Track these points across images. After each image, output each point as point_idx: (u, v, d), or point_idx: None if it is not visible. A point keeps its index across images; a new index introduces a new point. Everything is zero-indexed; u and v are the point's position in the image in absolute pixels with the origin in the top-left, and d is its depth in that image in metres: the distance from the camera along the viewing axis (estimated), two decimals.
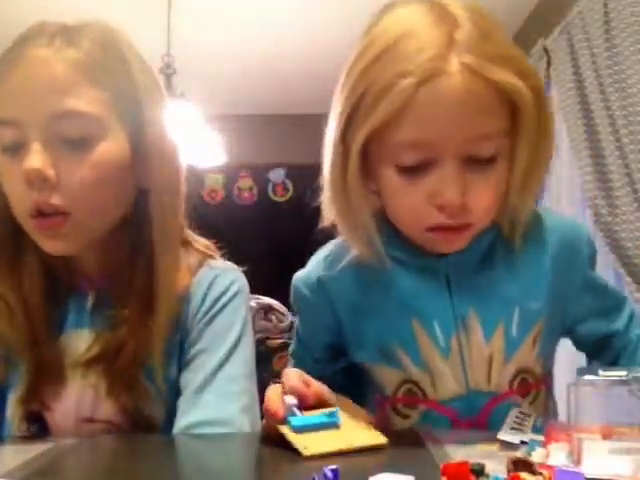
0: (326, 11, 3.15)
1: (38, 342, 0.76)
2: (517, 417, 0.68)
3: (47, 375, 0.76)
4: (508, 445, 0.62)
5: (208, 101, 3.20)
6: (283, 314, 1.19)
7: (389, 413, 0.84)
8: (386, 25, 0.71)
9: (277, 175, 4.52)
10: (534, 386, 0.82)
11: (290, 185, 4.51)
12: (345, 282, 0.84)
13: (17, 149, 0.71)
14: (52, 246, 0.74)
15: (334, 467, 0.47)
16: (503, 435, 0.64)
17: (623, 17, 2.03)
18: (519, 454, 0.52)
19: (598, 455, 0.53)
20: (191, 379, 0.78)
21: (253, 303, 1.16)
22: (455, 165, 0.69)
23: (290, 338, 1.03)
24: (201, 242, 0.90)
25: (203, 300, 0.82)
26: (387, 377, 0.83)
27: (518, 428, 0.66)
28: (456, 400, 0.79)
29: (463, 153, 0.69)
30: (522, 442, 0.61)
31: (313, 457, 0.61)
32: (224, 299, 0.82)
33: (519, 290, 0.79)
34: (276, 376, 0.80)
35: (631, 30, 1.99)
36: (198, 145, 2.93)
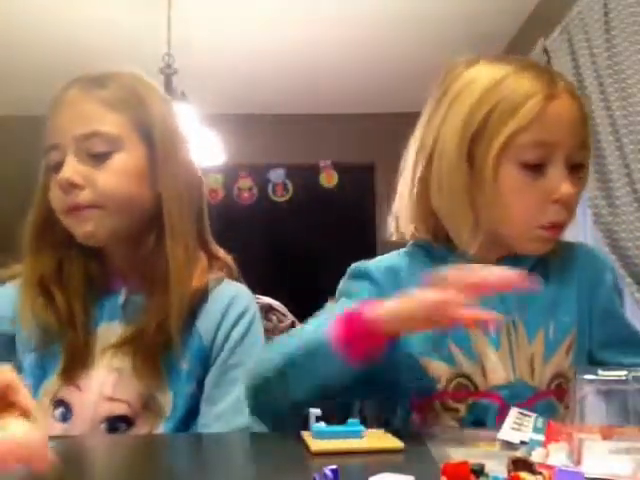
0: (326, 11, 3.15)
1: (76, 332, 0.91)
2: (517, 417, 0.69)
3: (80, 359, 0.91)
4: (508, 445, 0.62)
5: (208, 101, 3.21)
6: (283, 314, 1.19)
7: (437, 410, 0.86)
8: (487, 68, 0.90)
9: (277, 175, 4.52)
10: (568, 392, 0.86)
11: (290, 185, 4.51)
12: (413, 277, 0.88)
13: (58, 168, 0.91)
14: (82, 229, 0.91)
15: (334, 467, 0.47)
16: (503, 435, 0.64)
17: (623, 17, 2.03)
18: (519, 454, 0.52)
19: (598, 455, 0.53)
20: (230, 390, 0.91)
21: None
22: (565, 166, 0.85)
23: None
24: (223, 255, 1.04)
25: (225, 315, 0.94)
26: (437, 372, 0.86)
27: (518, 428, 0.66)
28: (505, 387, 0.85)
29: (569, 157, 0.86)
30: (522, 442, 0.61)
31: (320, 453, 0.62)
32: (248, 317, 0.96)
33: (553, 302, 0.90)
34: None
35: (631, 30, 1.99)
36: (198, 145, 2.93)
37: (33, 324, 0.92)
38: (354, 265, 0.94)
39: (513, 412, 0.70)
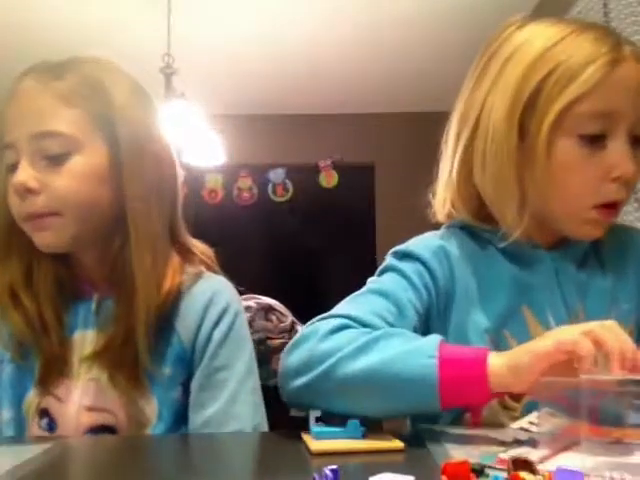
0: (326, 11, 3.15)
1: (50, 340, 0.87)
2: (539, 417, 0.65)
3: (56, 368, 0.87)
4: (508, 444, 0.62)
5: (208, 101, 3.20)
6: (283, 314, 1.19)
7: (495, 410, 0.81)
8: (543, 29, 0.82)
9: (277, 175, 4.52)
10: None
11: (290, 185, 4.51)
12: (463, 260, 0.85)
13: (15, 169, 0.85)
14: (42, 240, 0.86)
15: (334, 467, 0.47)
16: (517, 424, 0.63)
17: (623, 17, 2.04)
18: (515, 453, 0.52)
19: (596, 455, 0.53)
20: (218, 393, 0.87)
21: (253, 303, 1.16)
22: (627, 140, 0.78)
23: (290, 338, 1.03)
24: (199, 247, 0.98)
25: (205, 314, 0.89)
26: None
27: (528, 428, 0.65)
28: None
29: (632, 129, 0.78)
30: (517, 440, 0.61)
31: (320, 453, 0.61)
32: (230, 315, 0.91)
33: (612, 290, 0.85)
34: (276, 376, 0.80)
35: (631, 30, 2.00)
36: (198, 145, 2.93)
37: (6, 334, 0.88)
38: (397, 248, 0.87)
39: (542, 411, 0.65)
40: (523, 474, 0.46)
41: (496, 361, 0.67)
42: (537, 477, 0.46)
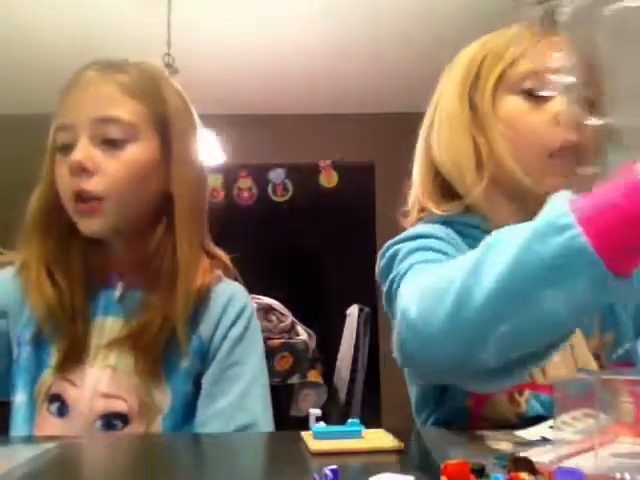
0: (326, 11, 3.15)
1: (75, 323, 0.90)
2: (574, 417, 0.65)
3: (76, 352, 0.89)
4: (520, 444, 0.62)
5: (208, 101, 3.20)
6: (283, 314, 1.19)
7: (501, 403, 0.80)
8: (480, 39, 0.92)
9: (277, 175, 4.52)
10: None
11: (290, 185, 4.51)
12: (460, 241, 0.84)
13: (68, 150, 0.88)
14: (88, 225, 0.89)
15: (334, 467, 0.47)
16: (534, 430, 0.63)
17: None
18: (512, 449, 0.52)
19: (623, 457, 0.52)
20: (230, 387, 0.90)
21: (253, 303, 1.16)
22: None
23: (290, 338, 1.03)
24: (219, 252, 1.02)
25: (223, 313, 0.93)
26: None
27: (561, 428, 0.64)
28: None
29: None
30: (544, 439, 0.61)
31: (320, 453, 0.62)
32: (246, 316, 0.95)
33: None
34: (276, 376, 0.80)
35: None
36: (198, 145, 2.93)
37: (26, 316, 0.91)
38: (403, 235, 0.84)
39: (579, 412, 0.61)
40: (523, 474, 0.46)
41: None
42: (537, 477, 0.46)
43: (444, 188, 0.88)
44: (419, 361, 0.68)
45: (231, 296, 0.95)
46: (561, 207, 0.56)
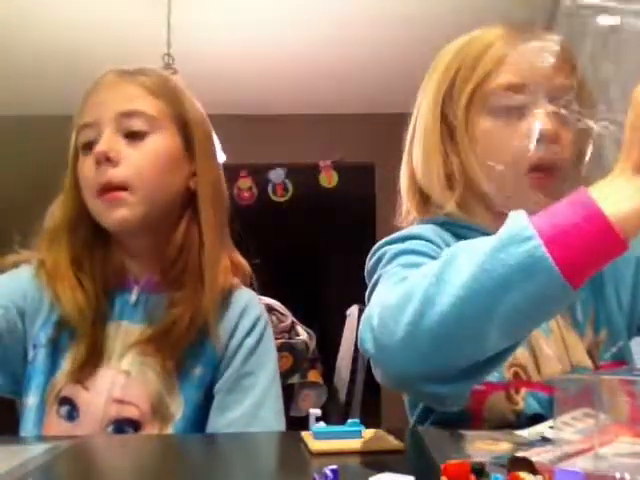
0: (326, 11, 3.15)
1: (95, 326, 0.90)
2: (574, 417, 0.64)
3: (92, 356, 0.89)
4: (520, 445, 0.62)
5: (208, 101, 3.20)
6: (283, 314, 1.19)
7: (499, 402, 0.81)
8: (457, 40, 0.91)
9: (277, 175, 4.51)
10: None
11: (290, 185, 4.51)
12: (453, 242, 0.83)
13: (92, 146, 0.90)
14: (113, 215, 0.89)
15: (334, 467, 0.47)
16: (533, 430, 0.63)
17: None
18: (511, 449, 0.52)
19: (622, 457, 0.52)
20: (243, 397, 0.90)
21: None
22: (548, 104, 0.79)
23: (290, 338, 1.03)
24: (244, 264, 1.04)
25: (239, 322, 0.93)
26: None
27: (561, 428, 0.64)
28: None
29: (554, 98, 0.78)
30: (544, 439, 0.61)
31: (320, 453, 0.62)
32: (261, 325, 0.95)
33: (599, 279, 0.85)
34: None
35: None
36: None
37: (43, 316, 0.90)
38: (392, 236, 0.87)
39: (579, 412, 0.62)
40: (523, 474, 0.46)
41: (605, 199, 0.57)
42: (537, 477, 0.46)
43: (425, 196, 0.90)
44: (380, 366, 0.70)
45: (248, 303, 0.95)
46: (522, 221, 0.59)
